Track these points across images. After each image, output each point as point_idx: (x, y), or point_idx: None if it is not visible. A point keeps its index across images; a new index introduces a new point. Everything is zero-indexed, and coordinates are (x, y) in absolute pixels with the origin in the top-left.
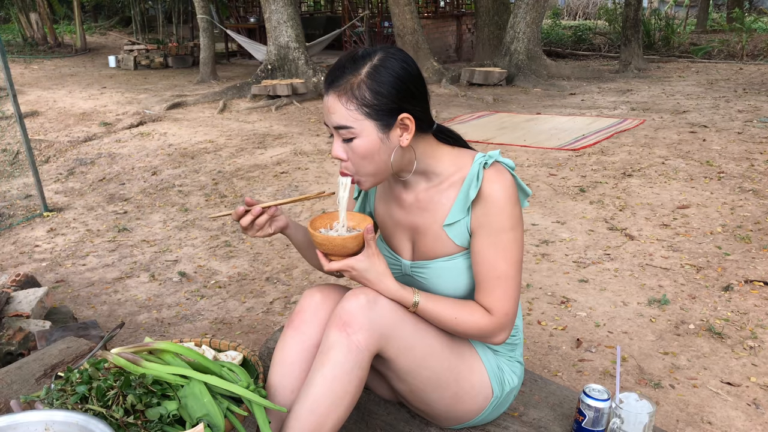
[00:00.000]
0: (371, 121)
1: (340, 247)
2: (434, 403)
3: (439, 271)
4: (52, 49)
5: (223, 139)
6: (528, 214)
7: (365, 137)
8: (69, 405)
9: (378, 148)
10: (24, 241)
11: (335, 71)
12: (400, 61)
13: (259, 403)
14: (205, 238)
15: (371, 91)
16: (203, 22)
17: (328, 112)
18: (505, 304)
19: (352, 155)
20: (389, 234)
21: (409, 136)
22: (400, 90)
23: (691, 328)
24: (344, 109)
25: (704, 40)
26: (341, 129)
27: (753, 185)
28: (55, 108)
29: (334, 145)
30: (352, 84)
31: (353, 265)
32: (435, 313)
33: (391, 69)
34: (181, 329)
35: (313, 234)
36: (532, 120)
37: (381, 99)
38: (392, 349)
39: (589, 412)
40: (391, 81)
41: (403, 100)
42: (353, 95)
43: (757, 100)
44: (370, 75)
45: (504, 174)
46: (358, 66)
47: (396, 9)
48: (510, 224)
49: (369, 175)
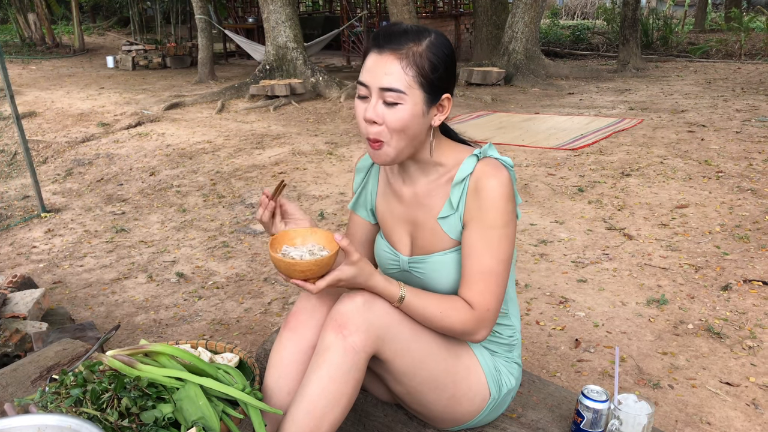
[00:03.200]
0: (422, 93)
1: (325, 268)
2: (431, 405)
3: (435, 265)
4: (50, 50)
5: (222, 140)
6: (526, 214)
7: (412, 106)
8: (63, 408)
9: (418, 120)
10: (21, 242)
11: (395, 34)
12: (450, 45)
13: (254, 406)
14: (203, 238)
15: (431, 63)
16: (201, 23)
17: (381, 72)
18: (487, 298)
19: (389, 121)
20: (389, 230)
21: (442, 117)
22: (450, 71)
23: (690, 328)
24: (402, 73)
25: (702, 40)
26: (390, 91)
27: (751, 184)
28: (53, 108)
29: (369, 106)
30: (414, 51)
31: (341, 277)
32: (421, 308)
33: (446, 48)
34: (178, 330)
35: (289, 263)
36: (531, 119)
37: (437, 74)
38: (389, 350)
39: (588, 414)
40: (447, 60)
41: (450, 81)
42: (414, 62)
43: (755, 99)
44: (432, 48)
45: (501, 170)
46: (420, 36)
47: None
48: (502, 221)
49: (396, 146)
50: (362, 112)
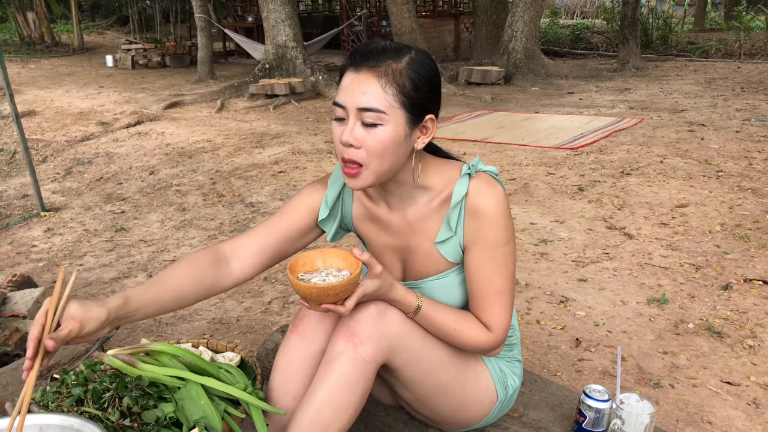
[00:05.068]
0: (404, 113)
1: (354, 286)
2: (439, 410)
3: (431, 290)
4: (50, 49)
5: (221, 139)
6: (526, 213)
7: (393, 127)
8: (64, 407)
9: (399, 143)
10: (21, 241)
11: (373, 51)
12: (433, 62)
13: (256, 406)
14: (203, 237)
15: (412, 81)
16: (201, 22)
17: (358, 91)
18: (503, 320)
19: (369, 144)
20: (376, 253)
21: (426, 140)
22: (433, 89)
23: (691, 327)
24: (381, 92)
25: (702, 39)
26: (369, 111)
27: (752, 184)
28: (52, 107)
29: (347, 128)
30: (394, 69)
31: (366, 291)
32: (436, 321)
33: (428, 66)
34: (178, 329)
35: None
36: (530, 119)
37: (418, 93)
38: (399, 360)
39: (590, 413)
40: (428, 78)
41: (433, 101)
42: (394, 80)
43: (755, 98)
44: (412, 65)
45: (495, 186)
46: (399, 53)
47: (394, 8)
48: (505, 239)
49: (375, 171)
50: (339, 134)
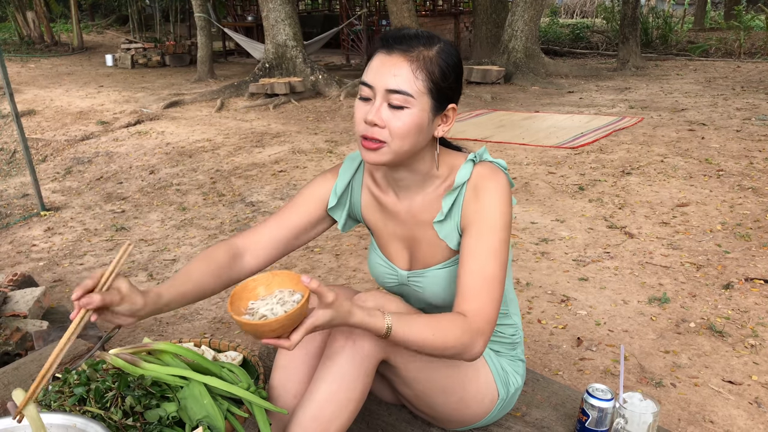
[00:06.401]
0: (430, 99)
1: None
2: (440, 407)
3: (435, 279)
4: (49, 48)
5: (221, 138)
6: (527, 212)
7: (418, 111)
8: (67, 407)
9: (423, 128)
10: (21, 240)
11: (406, 37)
12: (459, 54)
13: (259, 405)
14: (203, 236)
15: (441, 69)
16: (201, 21)
17: (389, 73)
18: (489, 309)
19: (393, 125)
20: (384, 243)
21: (446, 129)
22: (458, 80)
23: (692, 326)
24: (412, 75)
25: (702, 38)
26: (397, 94)
27: (752, 183)
28: (52, 107)
29: (373, 108)
30: (425, 56)
31: (316, 324)
32: (412, 334)
33: (456, 57)
34: (179, 329)
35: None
36: (531, 118)
37: (446, 82)
38: (399, 356)
39: (593, 412)
40: (455, 68)
41: (456, 91)
42: (424, 66)
43: (755, 97)
44: (442, 55)
45: (499, 173)
46: (431, 41)
47: (394, 7)
48: (502, 223)
49: (396, 150)
50: (363, 114)
